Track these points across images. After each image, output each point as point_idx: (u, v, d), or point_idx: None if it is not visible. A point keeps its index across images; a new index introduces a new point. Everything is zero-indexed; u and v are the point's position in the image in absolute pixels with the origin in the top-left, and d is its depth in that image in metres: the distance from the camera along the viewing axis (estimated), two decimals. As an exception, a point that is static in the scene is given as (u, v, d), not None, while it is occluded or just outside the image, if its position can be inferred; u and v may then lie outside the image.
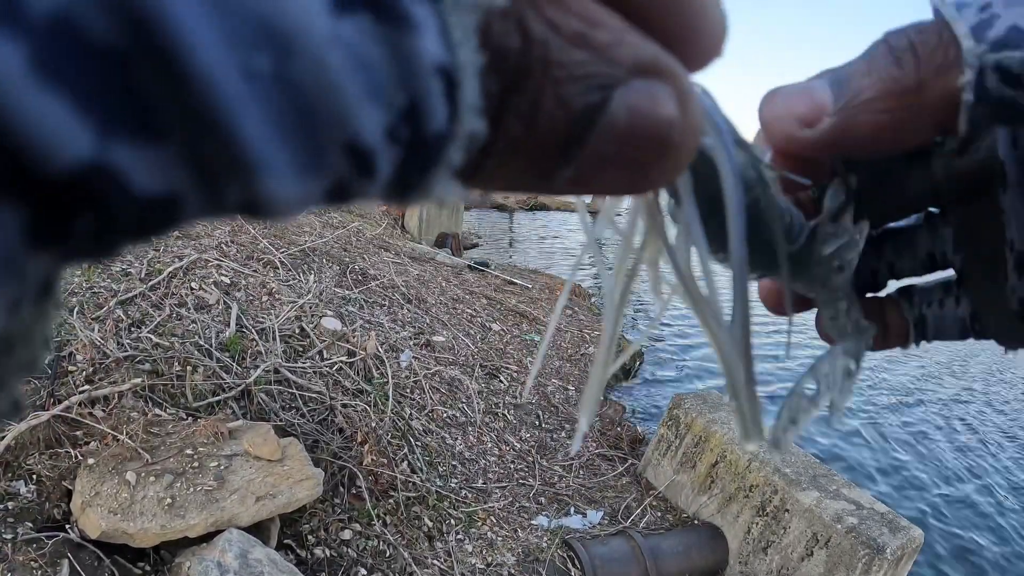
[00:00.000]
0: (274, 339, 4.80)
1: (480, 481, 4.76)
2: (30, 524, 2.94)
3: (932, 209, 0.36)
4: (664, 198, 0.26)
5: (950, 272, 0.36)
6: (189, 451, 3.26)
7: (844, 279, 0.33)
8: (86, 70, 0.12)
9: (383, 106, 0.14)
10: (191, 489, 3.02)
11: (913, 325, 0.37)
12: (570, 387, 6.74)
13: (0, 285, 0.13)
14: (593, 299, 10.80)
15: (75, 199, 0.13)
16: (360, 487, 3.97)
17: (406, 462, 4.41)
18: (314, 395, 4.45)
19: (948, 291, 0.37)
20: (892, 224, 0.37)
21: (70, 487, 3.06)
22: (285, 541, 3.47)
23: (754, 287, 0.31)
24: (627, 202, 0.25)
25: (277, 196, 0.14)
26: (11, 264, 0.13)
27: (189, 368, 4.03)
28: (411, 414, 4.94)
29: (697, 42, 0.18)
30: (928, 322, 0.37)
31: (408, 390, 5.22)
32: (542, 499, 4.83)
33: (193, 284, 4.99)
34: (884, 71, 0.26)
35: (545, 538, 4.36)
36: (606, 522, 4.75)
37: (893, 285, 0.39)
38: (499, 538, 4.24)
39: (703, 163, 0.24)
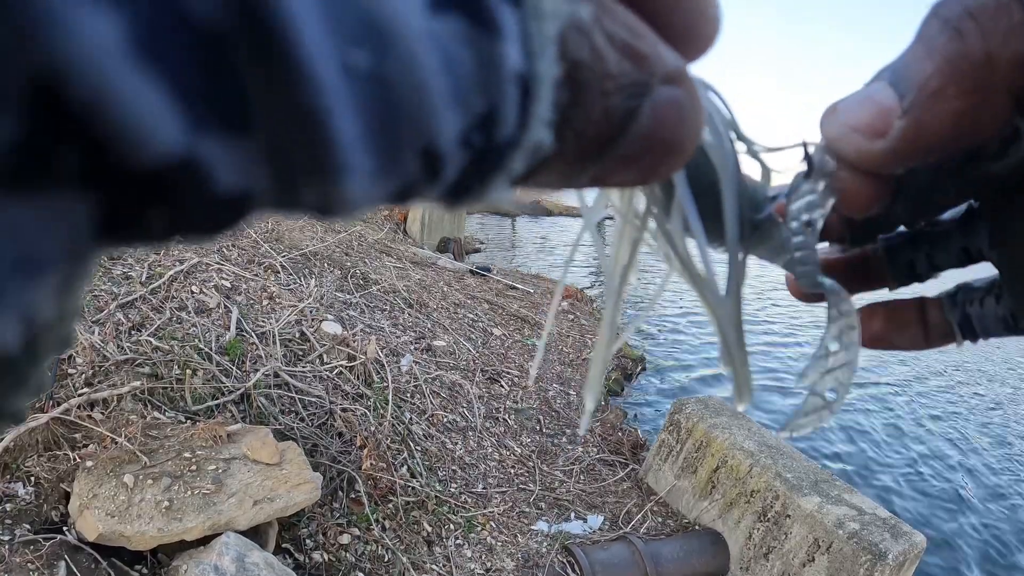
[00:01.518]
0: (274, 343, 4.80)
1: (480, 486, 4.75)
2: (28, 526, 2.94)
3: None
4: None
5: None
6: (187, 454, 3.25)
7: (812, 239, 0.32)
8: (186, 51, 0.11)
9: (463, 111, 0.14)
10: (189, 492, 3.01)
11: (957, 325, 0.36)
12: (571, 392, 6.72)
13: (62, 273, 0.12)
14: (595, 303, 10.79)
15: (154, 193, 0.12)
16: (359, 491, 3.96)
17: (406, 467, 4.40)
18: (314, 399, 4.45)
19: (990, 289, 0.35)
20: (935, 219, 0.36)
21: (68, 489, 3.06)
22: (283, 545, 3.46)
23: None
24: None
25: (351, 199, 0.14)
26: (78, 255, 0.12)
27: (188, 371, 4.03)
28: (411, 419, 4.93)
29: (697, 38, 0.19)
30: (973, 321, 0.36)
31: (408, 394, 5.21)
32: (542, 504, 4.81)
33: (194, 288, 4.99)
34: (945, 49, 0.22)
35: (545, 543, 4.34)
36: (607, 527, 4.73)
37: (930, 281, 0.38)
38: (499, 543, 4.23)
39: (697, 151, 0.24)
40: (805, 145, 0.30)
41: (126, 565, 2.91)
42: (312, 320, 5.39)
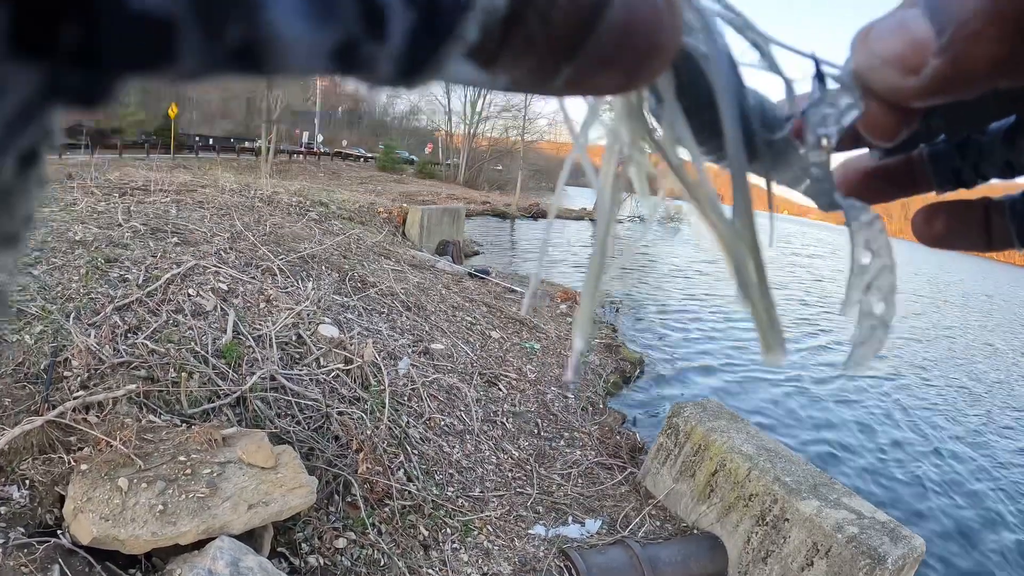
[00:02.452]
0: (271, 346, 4.79)
1: (477, 490, 4.73)
2: (22, 529, 2.92)
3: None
4: (646, 98, 0.25)
5: None
6: (182, 458, 3.24)
7: (827, 157, 0.30)
8: None
9: None
10: (183, 496, 3.00)
11: (1015, 232, 0.36)
12: (569, 395, 6.71)
13: None
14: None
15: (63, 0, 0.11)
16: (355, 495, 3.95)
17: (402, 470, 4.39)
18: (310, 402, 4.44)
19: None
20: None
21: (63, 492, 3.05)
22: (278, 549, 3.44)
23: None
24: (610, 101, 0.25)
25: (282, 37, 0.13)
26: None
27: (184, 374, 4.02)
28: (408, 422, 4.92)
29: None
30: None
31: (406, 398, 5.20)
32: (540, 508, 4.79)
33: (191, 290, 4.98)
34: None
35: (542, 547, 4.32)
36: (604, 531, 4.71)
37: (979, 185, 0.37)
38: (495, 547, 4.21)
39: (686, 60, 0.23)
40: (816, 59, 0.29)
41: (120, 569, 2.89)
42: (309, 323, 5.38)
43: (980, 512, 7.10)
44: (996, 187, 0.37)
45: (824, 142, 0.29)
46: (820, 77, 0.29)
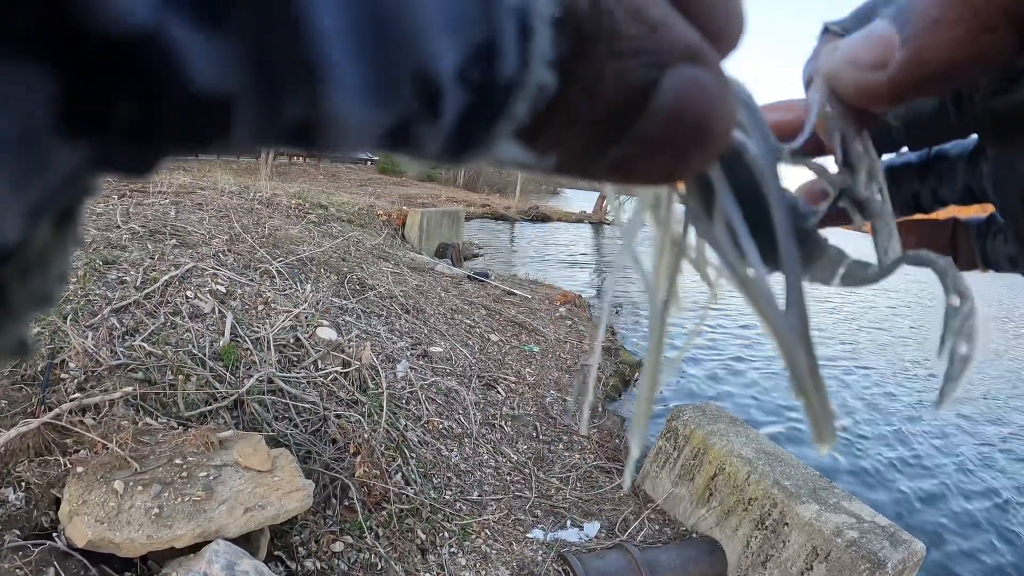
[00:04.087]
0: (269, 348, 4.78)
1: (475, 493, 4.72)
2: (17, 532, 2.91)
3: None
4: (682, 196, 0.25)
5: None
6: (178, 461, 3.23)
7: (887, 207, 0.30)
8: None
9: (460, 38, 0.13)
10: (179, 499, 2.99)
11: (979, 254, 0.36)
12: (568, 398, 6.70)
13: (19, 173, 0.11)
14: (592, 309, 10.76)
15: (120, 73, 0.11)
16: (352, 499, 3.93)
17: (400, 474, 4.37)
18: (308, 405, 4.42)
19: (1000, 227, 0.35)
20: (936, 148, 0.35)
21: (59, 495, 3.04)
22: (275, 553, 3.43)
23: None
24: (651, 198, 0.25)
25: (341, 117, 0.13)
26: (34, 146, 0.11)
27: (182, 377, 4.01)
28: (406, 425, 4.91)
29: (725, 36, 0.18)
30: (988, 253, 0.36)
31: (404, 401, 5.19)
32: (538, 512, 4.78)
33: (188, 293, 4.97)
34: None
35: (540, 552, 4.31)
36: (603, 535, 4.69)
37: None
38: (493, 551, 4.19)
39: (734, 153, 0.23)
40: (843, 135, 0.28)
41: (116, 572, 2.88)
42: (307, 326, 5.36)
43: (981, 516, 7.08)
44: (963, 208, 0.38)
45: (878, 195, 0.29)
46: (845, 153, 0.29)
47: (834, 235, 0.31)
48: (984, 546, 6.49)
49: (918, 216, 0.38)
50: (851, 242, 0.35)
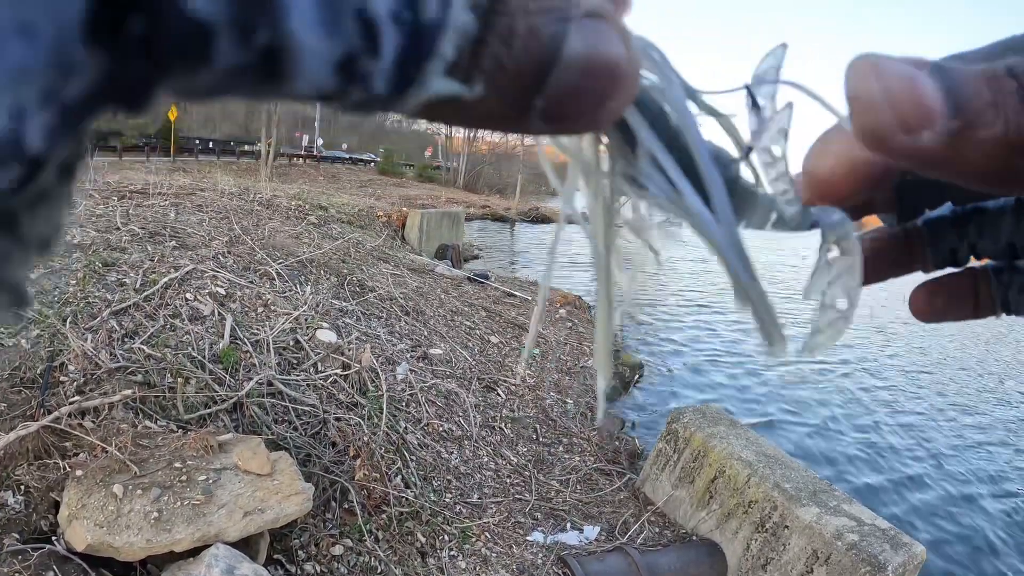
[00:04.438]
0: (268, 351, 4.77)
1: (475, 496, 4.71)
2: (16, 535, 2.91)
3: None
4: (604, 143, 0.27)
5: None
6: (178, 464, 3.22)
7: (786, 169, 0.31)
8: None
9: None
10: (178, 503, 2.98)
11: (1000, 301, 0.37)
12: (568, 400, 6.69)
13: (50, 75, 0.13)
14: (592, 310, 10.75)
15: None
16: (352, 502, 3.93)
17: (400, 476, 4.36)
18: (307, 408, 4.42)
19: None
20: (981, 203, 0.35)
21: (58, 499, 3.03)
22: (274, 556, 3.42)
23: None
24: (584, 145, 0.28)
25: (298, 44, 0.15)
26: (65, 48, 0.13)
27: (181, 380, 4.00)
28: (406, 428, 4.90)
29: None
30: (1010, 301, 0.36)
31: (404, 403, 5.18)
32: (538, 514, 4.77)
33: (188, 295, 4.97)
34: (1013, 116, 0.21)
35: (540, 554, 4.30)
36: (603, 538, 4.69)
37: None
38: (493, 554, 4.19)
39: (647, 99, 0.25)
40: (749, 88, 0.30)
41: (115, 576, 2.87)
42: (307, 328, 5.36)
43: (982, 518, 7.08)
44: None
45: (776, 151, 0.31)
46: (755, 106, 0.30)
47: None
48: (986, 548, 6.49)
49: (936, 277, 0.38)
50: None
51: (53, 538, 2.91)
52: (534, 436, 5.84)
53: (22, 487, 3.10)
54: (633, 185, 0.27)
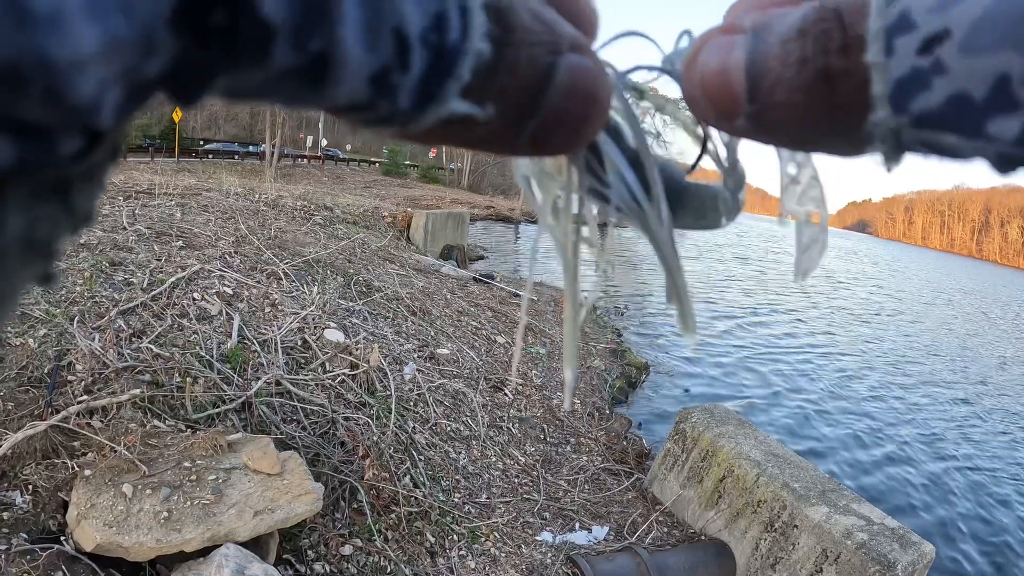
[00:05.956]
0: (276, 351, 4.76)
1: (484, 496, 4.70)
2: (25, 535, 2.89)
3: None
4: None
5: None
6: (187, 464, 3.21)
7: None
8: None
9: (423, 9, 0.18)
10: (188, 503, 2.97)
11: None
12: (575, 400, 6.67)
13: (135, 52, 0.15)
14: (597, 311, 10.75)
15: None
16: (361, 502, 3.91)
17: (408, 476, 4.35)
18: (316, 408, 4.41)
19: None
20: None
21: (66, 498, 3.02)
22: (284, 556, 3.41)
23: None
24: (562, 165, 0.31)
25: (347, 52, 0.17)
26: (152, 30, 0.15)
27: (189, 379, 3.99)
28: (414, 427, 4.89)
29: (589, 29, 0.24)
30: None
31: (411, 403, 5.17)
32: (547, 514, 4.76)
33: (195, 295, 4.96)
34: (787, 92, 0.24)
35: (549, 554, 4.29)
36: (612, 538, 4.67)
37: None
38: (503, 554, 4.17)
39: (611, 126, 0.30)
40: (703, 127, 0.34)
41: (124, 576, 2.86)
42: (315, 328, 5.35)
43: (991, 517, 7.05)
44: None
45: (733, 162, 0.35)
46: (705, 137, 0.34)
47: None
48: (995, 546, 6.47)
49: None
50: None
51: (62, 538, 2.89)
52: (542, 436, 5.83)
53: (30, 487, 3.09)
54: (597, 197, 0.31)
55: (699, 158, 0.35)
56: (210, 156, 30.21)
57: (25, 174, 0.16)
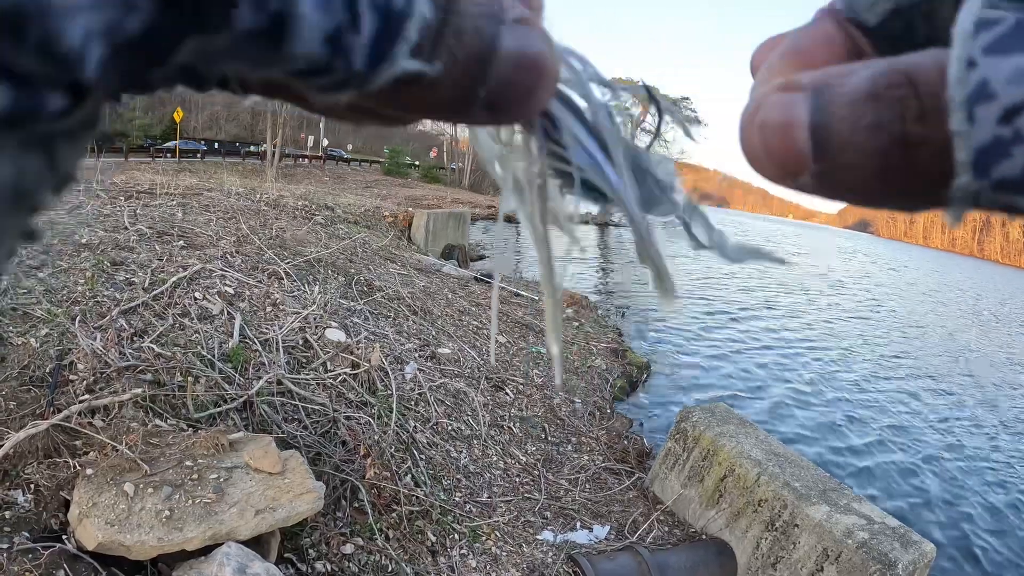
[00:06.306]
0: (277, 350, 4.77)
1: (485, 495, 4.70)
2: (27, 534, 2.90)
3: None
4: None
5: None
6: (189, 463, 3.21)
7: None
8: None
9: None
10: (190, 501, 2.97)
11: None
12: (576, 399, 6.68)
13: (117, 10, 0.16)
14: (599, 310, 10.75)
15: None
16: (362, 501, 3.92)
17: (410, 475, 4.35)
18: (317, 407, 4.41)
19: None
20: None
21: (68, 497, 3.03)
22: (285, 555, 3.41)
23: None
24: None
25: (302, 12, 0.19)
26: (152, 34, 0.17)
27: (191, 379, 4.00)
28: (415, 427, 4.89)
29: (536, 5, 0.25)
30: None
31: (412, 402, 5.17)
32: (548, 513, 4.76)
33: (197, 294, 4.97)
34: (864, 122, 0.22)
35: (551, 553, 4.29)
36: (612, 537, 4.68)
37: None
38: (504, 553, 4.18)
39: (568, 97, 0.30)
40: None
41: (126, 575, 2.86)
42: (316, 327, 5.36)
43: (991, 517, 7.05)
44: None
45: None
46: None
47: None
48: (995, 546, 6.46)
49: None
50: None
51: (63, 537, 2.90)
52: (543, 435, 5.83)
53: (32, 486, 3.10)
54: (560, 162, 0.31)
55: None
56: (167, 155, 28.15)
57: (16, 125, 0.17)
